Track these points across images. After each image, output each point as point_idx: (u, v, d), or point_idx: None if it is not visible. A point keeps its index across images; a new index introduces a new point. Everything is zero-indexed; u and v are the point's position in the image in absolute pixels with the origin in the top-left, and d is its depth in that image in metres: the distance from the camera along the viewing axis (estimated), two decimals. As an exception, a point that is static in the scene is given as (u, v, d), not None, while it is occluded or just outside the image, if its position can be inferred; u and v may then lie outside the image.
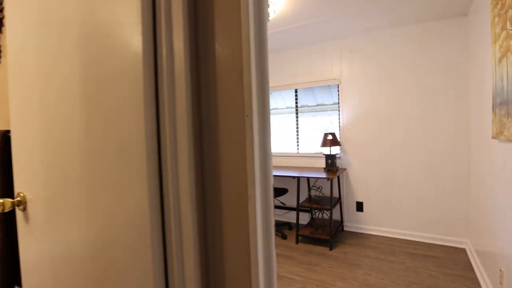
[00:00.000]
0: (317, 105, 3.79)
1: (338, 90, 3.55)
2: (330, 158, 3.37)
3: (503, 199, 1.79)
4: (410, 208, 3.16)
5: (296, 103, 3.92)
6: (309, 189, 3.64)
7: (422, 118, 3.04)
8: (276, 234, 3.43)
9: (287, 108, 4.03)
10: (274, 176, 3.27)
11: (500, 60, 1.74)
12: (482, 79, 2.25)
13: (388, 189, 3.26)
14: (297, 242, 3.18)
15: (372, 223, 3.38)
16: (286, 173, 3.30)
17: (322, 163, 3.66)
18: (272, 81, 3.98)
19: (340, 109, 3.51)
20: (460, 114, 2.87)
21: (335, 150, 3.61)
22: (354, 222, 3.49)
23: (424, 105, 3.03)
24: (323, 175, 3.08)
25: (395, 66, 3.16)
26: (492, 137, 1.91)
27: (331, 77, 3.55)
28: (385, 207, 3.29)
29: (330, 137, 3.36)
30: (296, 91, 3.90)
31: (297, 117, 3.93)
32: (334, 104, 3.63)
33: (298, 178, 3.15)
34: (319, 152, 3.74)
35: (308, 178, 3.32)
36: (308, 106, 3.85)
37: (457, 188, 2.92)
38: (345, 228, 3.54)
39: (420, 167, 3.08)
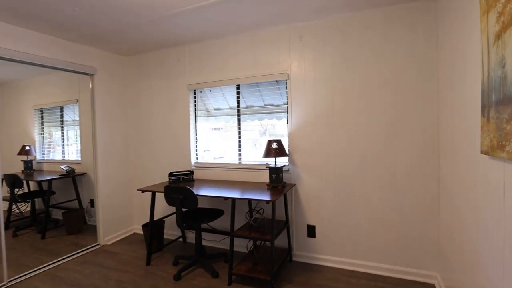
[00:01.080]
0: (265, 105, 3.10)
1: (286, 87, 2.88)
2: (275, 172, 2.68)
3: (494, 234, 1.19)
4: (371, 233, 2.56)
5: (238, 102, 3.19)
6: (250, 211, 2.91)
7: (387, 124, 2.47)
8: (205, 271, 2.64)
9: (230, 109, 3.29)
10: (200, 196, 2.50)
11: (498, 37, 1.14)
12: (461, 71, 1.68)
13: (346, 210, 2.64)
14: (229, 283, 2.43)
15: (326, 252, 2.73)
16: (218, 191, 2.54)
17: (267, 177, 2.96)
18: (210, 73, 3.22)
19: (289, 110, 2.84)
20: (429, 119, 2.32)
21: (282, 161, 2.93)
22: (304, 251, 2.82)
23: (390, 107, 2.46)
24: (264, 195, 2.37)
25: (355, 59, 2.56)
26: (483, 152, 1.31)
27: (278, 70, 2.87)
28: (341, 232, 2.67)
29: (275, 145, 2.66)
30: (238, 88, 3.17)
31: (239, 120, 3.20)
32: (284, 104, 2.95)
33: (233, 200, 2.41)
34: (265, 163, 3.04)
35: (249, 200, 2.56)
36: (255, 107, 3.14)
37: (425, 210, 2.37)
38: (294, 258, 2.86)
39: (383, 184, 2.50)
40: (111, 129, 3.54)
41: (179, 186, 2.49)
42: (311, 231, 2.79)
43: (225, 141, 3.34)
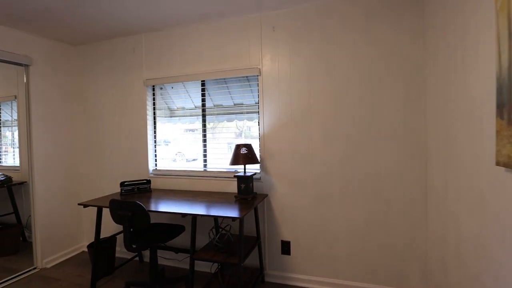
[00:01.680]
0: (235, 105, 2.73)
1: (258, 84, 2.53)
2: (244, 182, 2.31)
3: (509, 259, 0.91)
4: (352, 249, 2.27)
5: (203, 101, 2.79)
6: (216, 227, 2.52)
7: (369, 126, 2.19)
8: (161, 302, 2.21)
9: (196, 108, 2.88)
10: (153, 212, 2.08)
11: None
12: (465, 64, 1.42)
13: (324, 223, 2.33)
14: (189, 316, 2.02)
15: (303, 271, 2.40)
16: (177, 205, 2.13)
17: (236, 187, 2.59)
18: (170, 67, 2.79)
19: (261, 110, 2.49)
20: (415, 121, 2.07)
21: (254, 168, 2.58)
22: (278, 270, 2.48)
23: (372, 108, 2.18)
24: (231, 210, 1.99)
25: (335, 54, 2.26)
26: (500, 164, 1.04)
27: (248, 65, 2.51)
28: (319, 248, 2.35)
29: (244, 150, 2.30)
30: (203, 84, 2.77)
31: (204, 121, 2.80)
32: (256, 104, 2.60)
33: (194, 217, 2.01)
34: (234, 170, 2.67)
35: (215, 218, 2.15)
36: (223, 106, 2.75)
37: (412, 223, 2.11)
38: (266, 278, 2.50)
39: (365, 191, 2.21)
40: (53, 131, 2.99)
41: (127, 200, 2.05)
42: (285, 247, 2.45)
43: (191, 145, 2.93)
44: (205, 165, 2.79)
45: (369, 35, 2.16)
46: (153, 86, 2.95)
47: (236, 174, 2.34)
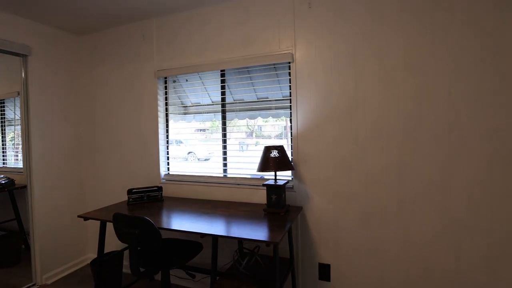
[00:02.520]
0: (259, 100, 2.31)
1: (290, 75, 2.10)
2: (276, 192, 1.89)
3: None
4: (410, 277, 1.81)
5: (223, 94, 2.39)
6: (240, 249, 2.11)
7: (441, 125, 1.72)
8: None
9: (213, 104, 2.48)
10: (165, 229, 1.69)
11: None
12: None
13: (373, 244, 1.88)
14: None
15: (345, 300, 1.96)
16: (194, 221, 1.73)
17: (262, 196, 2.17)
18: (186, 56, 2.40)
19: (294, 105, 2.06)
20: (502, 120, 1.59)
21: (284, 175, 2.15)
22: (315, 298, 2.05)
23: (445, 104, 1.71)
24: (261, 229, 1.57)
25: (385, 36, 1.80)
26: None
27: (278, 50, 2.09)
28: (366, 275, 1.91)
29: (275, 153, 1.88)
30: (223, 75, 2.37)
31: (224, 118, 2.40)
32: (285, 98, 2.17)
33: (216, 238, 1.60)
34: (259, 176, 2.25)
35: (240, 240, 1.74)
36: (245, 101, 2.34)
37: (501, 254, 1.63)
38: (300, 308, 2.08)
39: (430, 209, 1.75)
40: (54, 129, 2.66)
41: (133, 215, 1.66)
42: (324, 271, 2.01)
43: (208, 146, 2.53)
44: (225, 170, 2.38)
45: (440, 5, 1.69)
46: (165, 78, 2.57)
47: (265, 183, 1.92)
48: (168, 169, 2.60)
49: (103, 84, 2.76)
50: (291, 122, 2.12)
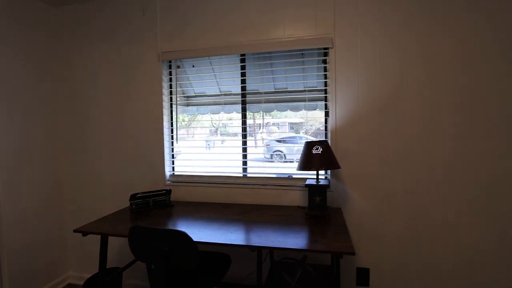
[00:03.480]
0: (283, 90, 2.05)
1: (326, 62, 1.89)
2: (320, 193, 1.67)
3: None
4: (462, 286, 1.73)
5: (243, 82, 2.10)
6: (272, 265, 1.86)
7: (503, 117, 1.64)
8: None
9: (222, 95, 2.17)
10: (201, 243, 1.38)
11: None
12: None
13: (420, 248, 1.77)
14: None
15: (384, 306, 1.83)
16: (223, 229, 1.44)
17: (293, 198, 1.94)
18: (196, 36, 2.06)
19: (332, 96, 1.85)
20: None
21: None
22: (352, 306, 1.89)
23: (487, 91, 1.64)
24: (320, 239, 1.35)
25: (435, 25, 1.68)
26: None
27: (315, 33, 1.86)
28: (411, 281, 1.79)
29: (318, 149, 1.66)
30: (243, 60, 2.08)
31: (244, 111, 2.11)
32: (317, 89, 1.96)
33: (259, 250, 1.33)
34: (288, 175, 2.02)
35: (270, 251, 1.49)
36: (260, 92, 2.07)
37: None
38: (335, 318, 1.90)
39: (485, 210, 1.67)
40: (22, 121, 2.12)
41: (162, 228, 1.32)
42: (362, 276, 1.86)
43: (225, 142, 2.23)
44: (244, 169, 2.10)
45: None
46: (170, 62, 2.19)
47: (308, 183, 1.69)
48: (173, 169, 2.23)
49: (89, 67, 2.28)
50: (326, 115, 1.91)
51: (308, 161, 1.65)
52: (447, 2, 1.66)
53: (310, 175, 1.98)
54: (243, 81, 2.08)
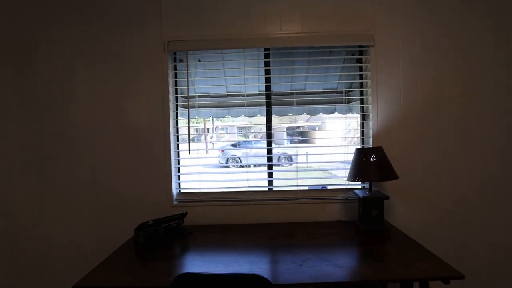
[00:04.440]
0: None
1: (366, 61, 1.74)
2: (377, 206, 1.49)
3: None
4: None
5: (267, 81, 1.81)
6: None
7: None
8: None
9: (253, 96, 1.84)
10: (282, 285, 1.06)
11: None
12: None
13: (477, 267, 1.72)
14: None
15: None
16: (290, 267, 1.15)
17: (332, 211, 1.72)
18: (211, 24, 1.70)
19: (374, 99, 1.70)
20: None
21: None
22: (394, 325, 1.75)
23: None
24: (410, 263, 1.16)
25: (477, 27, 1.67)
26: None
27: (353, 30, 1.68)
28: None
29: (373, 157, 1.48)
30: (267, 56, 1.79)
31: (269, 114, 1.82)
32: (353, 90, 1.79)
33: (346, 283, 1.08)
34: (321, 186, 1.79)
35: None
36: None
37: None
38: None
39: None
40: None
41: (235, 273, 0.97)
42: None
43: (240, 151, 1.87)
44: (270, 182, 1.81)
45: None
46: (175, 54, 1.78)
47: (363, 195, 1.49)
48: (179, 185, 1.81)
49: (66, 56, 1.71)
50: (364, 119, 1.75)
51: (362, 170, 1.46)
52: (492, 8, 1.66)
53: (350, 186, 1.78)
54: (267, 80, 1.79)
